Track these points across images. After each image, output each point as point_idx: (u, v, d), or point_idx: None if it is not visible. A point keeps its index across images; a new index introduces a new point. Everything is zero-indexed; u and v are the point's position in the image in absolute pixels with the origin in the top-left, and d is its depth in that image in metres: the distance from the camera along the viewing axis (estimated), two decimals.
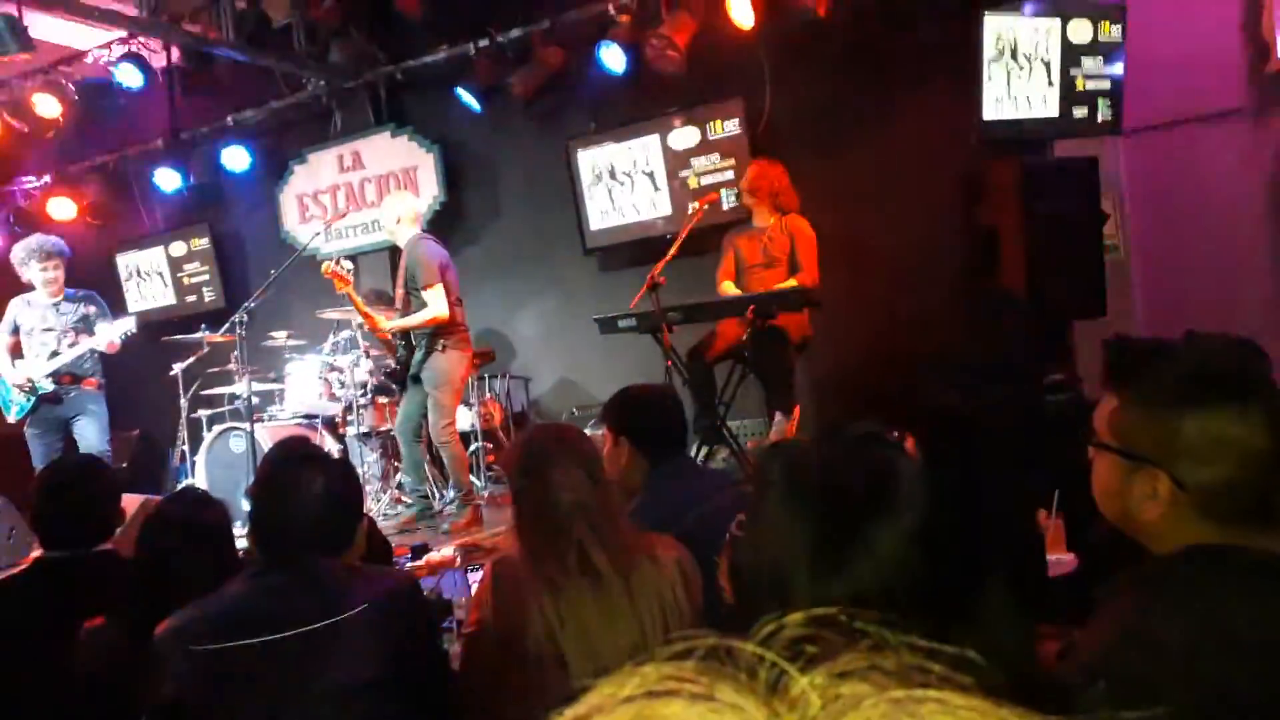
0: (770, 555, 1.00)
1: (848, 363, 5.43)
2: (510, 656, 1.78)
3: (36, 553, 2.69)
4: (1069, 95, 4.76)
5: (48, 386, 5.38)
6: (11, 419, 5.45)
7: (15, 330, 5.54)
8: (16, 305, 5.59)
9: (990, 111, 4.72)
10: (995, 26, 4.66)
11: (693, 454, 4.30)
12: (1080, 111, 4.80)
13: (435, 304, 5.05)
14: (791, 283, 4.85)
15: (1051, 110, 4.78)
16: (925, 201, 5.38)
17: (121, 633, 2.20)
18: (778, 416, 4.76)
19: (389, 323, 5.32)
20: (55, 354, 5.40)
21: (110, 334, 5.39)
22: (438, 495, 5.71)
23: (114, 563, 2.56)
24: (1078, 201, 4.60)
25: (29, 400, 5.38)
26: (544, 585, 1.78)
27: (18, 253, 5.54)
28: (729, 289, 5.07)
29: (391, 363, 5.59)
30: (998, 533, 1.90)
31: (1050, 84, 4.75)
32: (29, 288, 5.58)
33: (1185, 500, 1.16)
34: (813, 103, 5.78)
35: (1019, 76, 4.71)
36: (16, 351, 5.51)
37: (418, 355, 5.19)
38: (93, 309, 5.63)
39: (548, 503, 1.86)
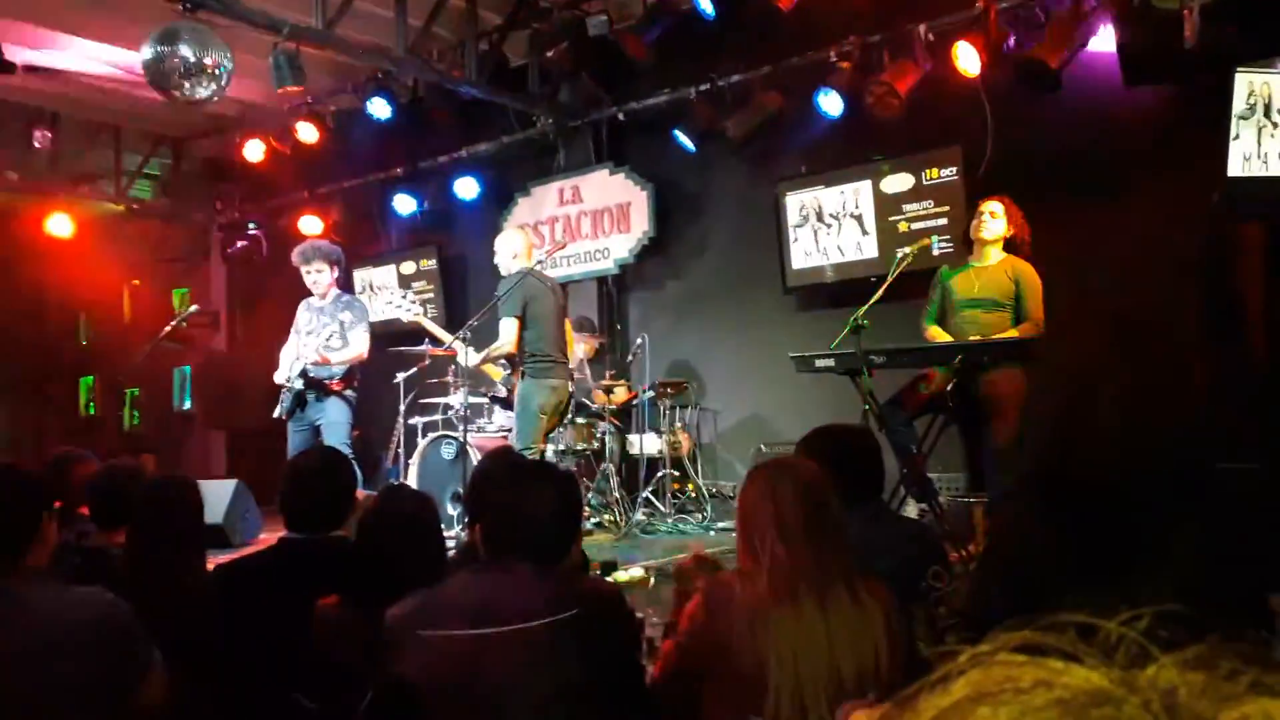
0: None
1: (1069, 427, 5.13)
2: (715, 671, 1.85)
3: (269, 534, 2.95)
4: None
5: (298, 385, 5.60)
6: (277, 415, 5.73)
7: (298, 330, 5.84)
8: (301, 307, 5.92)
9: (1237, 169, 4.43)
10: (1247, 82, 4.38)
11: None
12: None
13: (501, 335, 5.26)
14: (1011, 332, 4.63)
15: None
16: (1159, 261, 5.06)
17: (351, 611, 2.40)
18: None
19: (470, 358, 5.56)
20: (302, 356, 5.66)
21: None
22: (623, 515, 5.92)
23: (347, 547, 2.79)
24: None
25: (289, 400, 5.64)
26: (751, 605, 1.84)
27: (293, 256, 5.90)
28: (937, 334, 4.92)
29: (503, 390, 5.87)
30: (1226, 609, 1.79)
31: None
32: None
33: None
34: (1037, 153, 5.59)
35: (1271, 134, 4.40)
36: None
37: None
38: (348, 315, 5.73)
39: (751, 523, 1.94)
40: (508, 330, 5.26)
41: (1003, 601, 1.00)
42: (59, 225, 9.09)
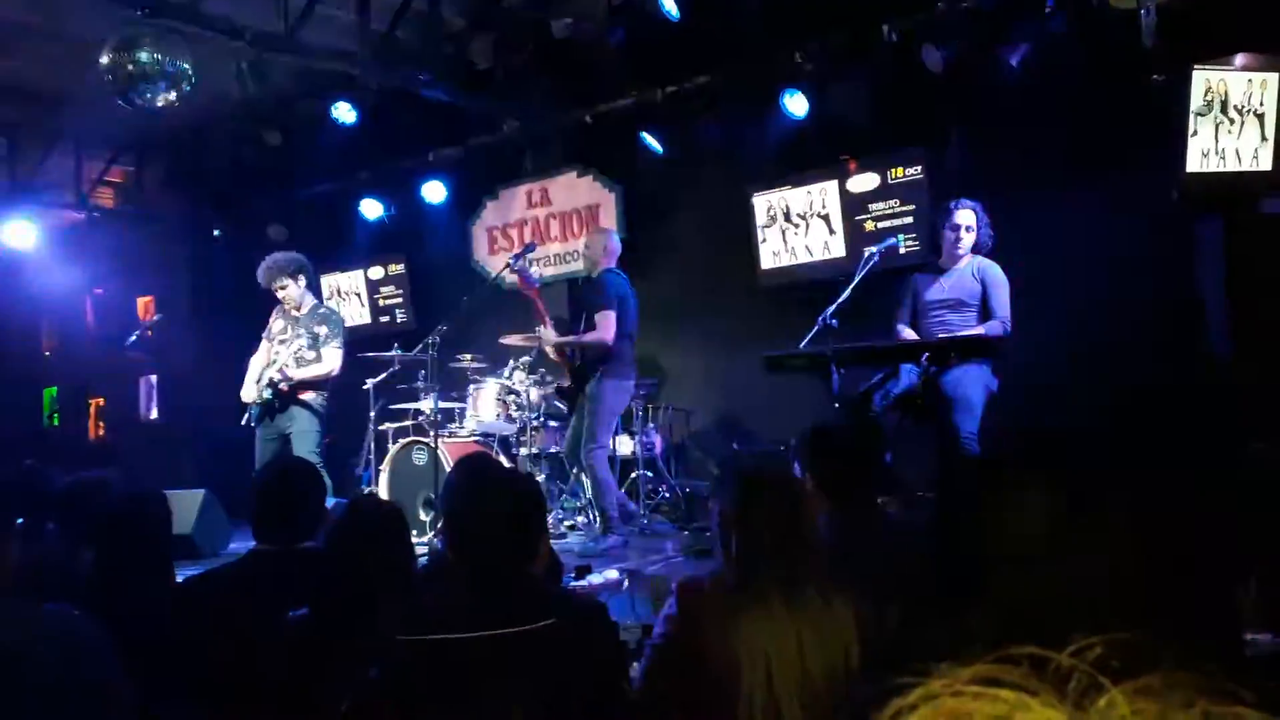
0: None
1: (1030, 423, 5.19)
2: (691, 672, 1.86)
3: (240, 544, 2.92)
4: None
5: (268, 395, 5.49)
6: (244, 423, 5.63)
7: (271, 337, 5.71)
8: (275, 313, 5.79)
9: (1195, 165, 4.51)
10: (1204, 79, 4.46)
11: None
12: None
13: (602, 327, 5.24)
14: (978, 330, 4.71)
15: (1264, 165, 4.52)
16: (1118, 257, 5.15)
17: (323, 623, 2.39)
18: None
19: (557, 338, 5.54)
20: (273, 364, 5.54)
21: None
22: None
23: (318, 558, 2.76)
24: None
25: (258, 408, 5.54)
26: (723, 608, 1.86)
27: (259, 278, 5.73)
28: (906, 333, 4.98)
29: (566, 380, 5.84)
30: (1186, 603, 1.83)
31: (1264, 139, 4.50)
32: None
33: None
34: (1000, 151, 5.65)
35: (1229, 130, 4.49)
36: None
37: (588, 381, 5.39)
38: (323, 330, 5.58)
39: (725, 527, 1.96)
40: (608, 322, 5.23)
41: (942, 571, 1.00)
42: (19, 234, 8.94)
